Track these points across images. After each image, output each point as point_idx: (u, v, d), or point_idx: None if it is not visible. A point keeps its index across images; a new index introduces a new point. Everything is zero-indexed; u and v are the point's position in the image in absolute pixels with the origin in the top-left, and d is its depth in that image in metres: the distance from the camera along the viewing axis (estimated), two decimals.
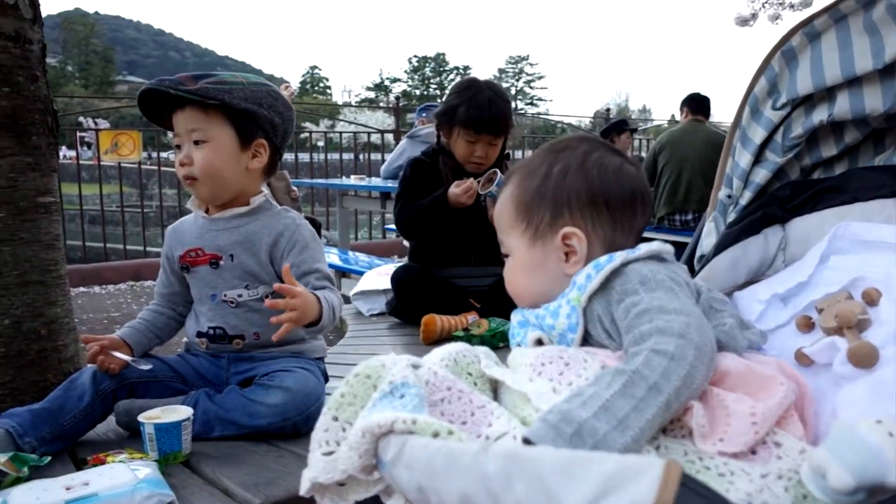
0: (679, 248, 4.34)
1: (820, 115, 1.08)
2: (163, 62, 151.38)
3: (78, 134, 7.66)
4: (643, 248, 0.87)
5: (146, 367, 1.46)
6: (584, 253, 0.91)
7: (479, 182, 2.34)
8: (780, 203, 1.10)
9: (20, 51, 1.76)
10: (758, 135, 1.13)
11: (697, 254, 1.18)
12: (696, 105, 5.47)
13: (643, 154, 10.65)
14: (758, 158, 1.14)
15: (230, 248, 1.54)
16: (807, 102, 1.10)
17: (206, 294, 1.56)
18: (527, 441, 0.66)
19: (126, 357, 1.47)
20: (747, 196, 1.14)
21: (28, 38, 1.78)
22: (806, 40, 1.07)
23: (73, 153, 7.70)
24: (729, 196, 1.16)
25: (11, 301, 1.80)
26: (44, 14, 1.90)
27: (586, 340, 0.87)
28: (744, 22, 6.09)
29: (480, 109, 2.39)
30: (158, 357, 1.57)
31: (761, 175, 1.13)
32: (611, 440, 0.63)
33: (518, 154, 10.88)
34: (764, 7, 5.95)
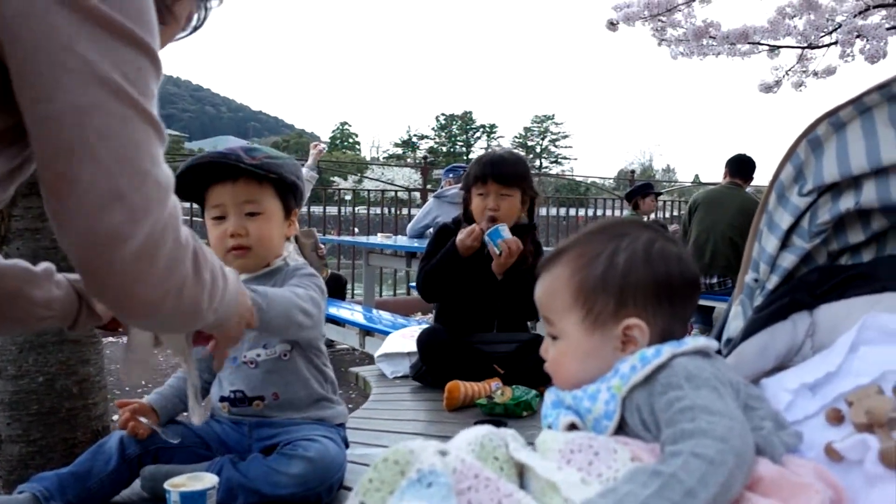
0: (700, 311, 4.29)
1: (846, 202, 1.09)
2: (199, 116, 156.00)
3: None
4: (689, 343, 0.87)
5: (174, 440, 1.47)
6: (644, 344, 0.91)
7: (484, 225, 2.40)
8: (807, 289, 1.10)
9: None
10: (784, 220, 1.14)
11: (724, 337, 1.17)
12: (736, 168, 5.40)
13: (668, 214, 10.69)
14: (784, 243, 1.14)
15: None
16: (833, 189, 1.11)
17: (228, 357, 1.58)
18: None
19: (154, 426, 1.49)
20: (774, 280, 1.15)
21: None
22: (832, 129, 1.09)
23: None
24: (756, 280, 1.16)
25: (47, 359, 1.85)
26: None
27: (621, 428, 0.87)
28: (767, 89, 6.14)
29: (488, 161, 2.53)
30: (183, 423, 1.58)
31: (788, 260, 1.14)
32: None
33: (542, 212, 10.98)
34: (787, 75, 6.01)
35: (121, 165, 0.71)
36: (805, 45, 5.60)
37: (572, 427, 0.91)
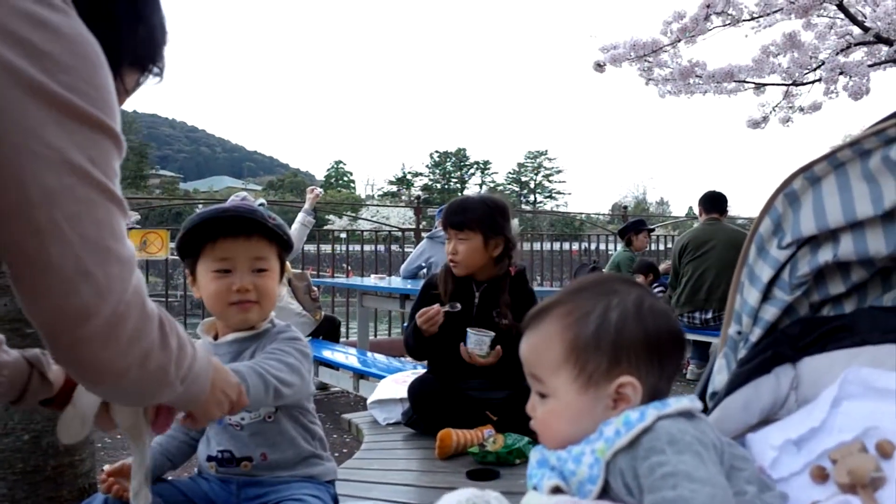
0: (697, 346, 4.32)
1: (825, 255, 1.10)
2: (194, 157, 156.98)
3: None
4: (673, 405, 0.87)
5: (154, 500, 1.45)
6: (637, 402, 0.90)
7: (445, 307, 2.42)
8: (790, 342, 1.10)
9: None
10: (765, 273, 1.15)
11: (710, 390, 1.17)
12: (710, 204, 5.64)
13: (663, 247, 10.74)
14: (766, 296, 1.15)
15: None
16: (812, 242, 1.13)
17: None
18: None
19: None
20: (757, 333, 1.15)
21: None
22: (808, 183, 1.11)
23: None
24: (739, 333, 1.17)
25: (32, 416, 1.83)
26: None
27: (605, 492, 0.86)
28: (755, 125, 6.23)
29: (447, 208, 2.60)
30: (170, 481, 1.56)
31: (770, 312, 1.15)
32: None
33: (537, 246, 11.04)
34: (774, 111, 6.10)
35: (87, 245, 0.74)
36: (790, 82, 5.70)
37: (557, 490, 0.91)
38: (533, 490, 0.95)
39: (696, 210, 5.93)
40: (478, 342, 2.36)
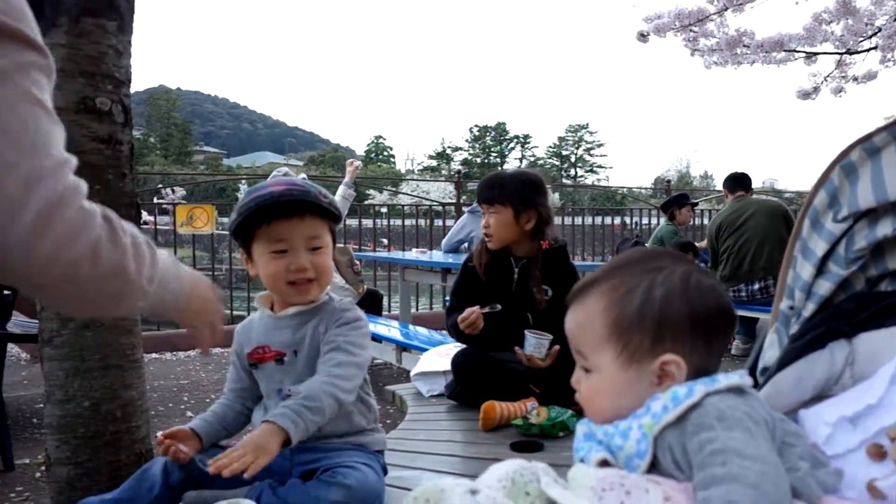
0: (744, 321, 4.24)
1: (884, 228, 1.07)
2: (237, 133, 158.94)
3: (156, 201, 8.13)
4: (723, 381, 0.86)
5: (203, 460, 1.51)
6: (681, 379, 0.89)
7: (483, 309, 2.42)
8: (845, 316, 1.08)
9: (111, 151, 1.91)
10: (819, 247, 1.12)
11: (760, 365, 1.16)
12: (734, 183, 5.71)
13: (707, 221, 10.52)
14: (820, 270, 1.13)
15: (295, 345, 1.60)
16: (870, 215, 1.09)
17: (273, 389, 1.62)
18: None
19: (192, 454, 1.51)
20: (810, 308, 1.13)
21: (119, 140, 1.93)
22: (866, 155, 1.07)
23: (151, 219, 8.16)
24: (791, 308, 1.15)
25: (91, 384, 1.90)
26: (132, 90, 2.03)
27: (653, 466, 0.86)
28: (805, 95, 6.03)
29: (479, 183, 2.64)
30: (224, 448, 1.61)
31: (824, 287, 1.12)
32: None
33: (578, 221, 10.92)
34: (826, 81, 5.89)
35: (9, 138, 0.76)
36: (843, 50, 5.49)
37: (604, 463, 0.91)
38: (580, 462, 0.95)
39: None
40: (537, 345, 2.34)
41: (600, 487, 0.81)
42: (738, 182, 5.69)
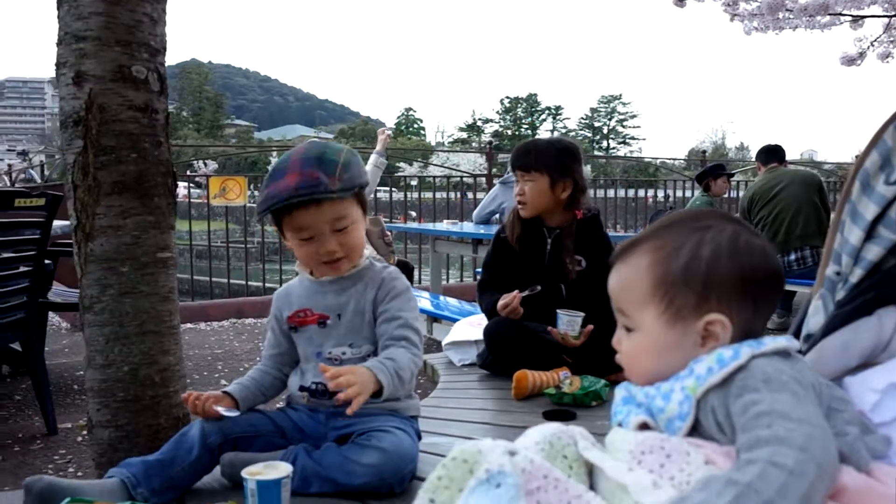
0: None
1: None
2: (268, 106, 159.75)
3: (189, 174, 8.21)
4: (769, 344, 0.84)
5: (232, 413, 1.55)
6: (726, 340, 0.88)
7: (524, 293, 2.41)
8: (895, 282, 1.04)
9: (148, 120, 1.92)
10: (869, 210, 1.08)
11: (804, 332, 1.13)
12: (767, 156, 5.58)
13: (742, 194, 10.31)
14: (869, 234, 1.08)
15: (338, 309, 1.62)
16: None
17: (311, 352, 1.64)
18: None
19: (221, 410, 1.54)
20: (858, 273, 1.09)
21: (155, 109, 1.94)
22: None
23: (184, 192, 8.26)
24: (837, 273, 1.11)
25: (130, 349, 1.94)
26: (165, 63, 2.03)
27: (694, 429, 0.85)
28: (850, 62, 5.83)
29: (514, 150, 2.60)
30: (262, 411, 1.64)
31: (874, 252, 1.08)
32: None
33: (611, 193, 10.79)
34: (873, 46, 5.68)
35: None
36: (893, 13, 5.28)
37: (644, 426, 0.90)
38: (618, 426, 0.94)
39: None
40: (570, 323, 2.34)
41: (639, 450, 0.80)
42: (772, 154, 5.57)
